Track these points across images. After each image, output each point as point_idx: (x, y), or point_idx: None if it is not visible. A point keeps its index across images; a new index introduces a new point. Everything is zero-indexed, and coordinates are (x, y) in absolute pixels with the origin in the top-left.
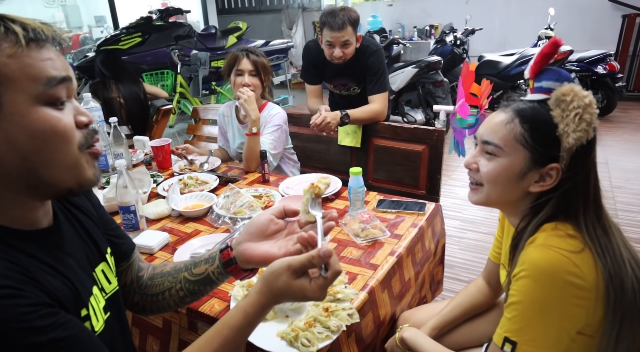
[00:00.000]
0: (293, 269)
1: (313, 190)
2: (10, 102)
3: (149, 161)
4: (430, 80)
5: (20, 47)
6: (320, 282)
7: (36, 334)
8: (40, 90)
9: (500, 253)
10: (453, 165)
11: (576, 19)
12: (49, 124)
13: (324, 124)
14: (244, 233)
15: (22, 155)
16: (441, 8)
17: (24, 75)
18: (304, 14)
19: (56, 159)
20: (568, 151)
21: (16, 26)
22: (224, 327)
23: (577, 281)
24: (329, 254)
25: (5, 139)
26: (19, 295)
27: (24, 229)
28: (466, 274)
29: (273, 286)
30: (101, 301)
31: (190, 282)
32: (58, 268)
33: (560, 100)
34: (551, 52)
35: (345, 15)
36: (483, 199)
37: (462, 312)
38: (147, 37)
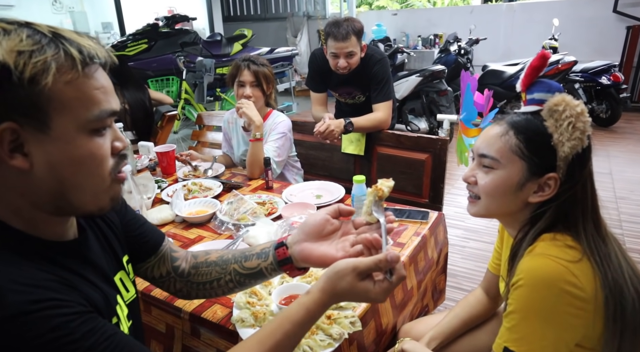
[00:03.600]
0: (358, 271)
1: (376, 192)
2: (60, 127)
3: (154, 167)
4: (434, 89)
5: (77, 73)
6: (384, 286)
7: (79, 341)
8: (90, 120)
9: (500, 264)
10: (456, 174)
11: (581, 30)
12: (89, 151)
13: (327, 131)
14: (299, 233)
15: (59, 178)
16: (446, 18)
17: (78, 104)
18: (309, 22)
19: (87, 184)
20: (564, 160)
21: (73, 49)
22: (286, 321)
23: (574, 291)
24: (397, 259)
25: (46, 161)
26: (62, 305)
27: (55, 240)
28: (468, 283)
29: (337, 285)
30: (124, 310)
31: (241, 275)
32: (89, 278)
33: (552, 111)
34: (540, 65)
35: (349, 26)
36: (482, 212)
37: (460, 323)
38: (153, 43)
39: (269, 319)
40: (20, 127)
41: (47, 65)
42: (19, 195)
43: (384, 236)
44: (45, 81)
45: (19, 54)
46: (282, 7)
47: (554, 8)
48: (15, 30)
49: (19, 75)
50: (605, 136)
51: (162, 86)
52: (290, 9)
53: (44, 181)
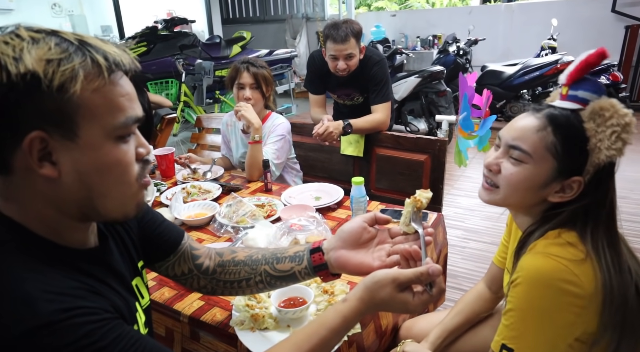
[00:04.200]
0: (398, 283)
1: (415, 203)
2: (87, 134)
3: (153, 170)
4: (433, 89)
5: (104, 80)
6: (424, 298)
7: (109, 347)
8: (116, 127)
9: (505, 258)
10: (456, 174)
11: (579, 30)
12: (116, 157)
13: (326, 133)
14: (336, 239)
15: (87, 185)
16: (444, 18)
17: (104, 111)
18: (308, 23)
19: (114, 191)
20: (595, 166)
21: (99, 56)
22: (322, 327)
23: (573, 289)
24: (438, 272)
25: (74, 168)
26: (90, 313)
27: (77, 247)
28: (469, 283)
29: (376, 295)
30: (142, 316)
31: (273, 276)
32: (112, 285)
33: (597, 114)
34: (595, 61)
35: (348, 28)
36: (499, 201)
37: (464, 320)
38: (152, 46)
39: (268, 321)
40: (49, 136)
41: (75, 73)
42: (46, 202)
43: (423, 247)
44: (73, 89)
45: (48, 62)
46: (280, 9)
47: (552, 8)
48: (44, 38)
49: (48, 84)
50: None
51: (161, 89)
52: (289, 11)
53: (72, 188)
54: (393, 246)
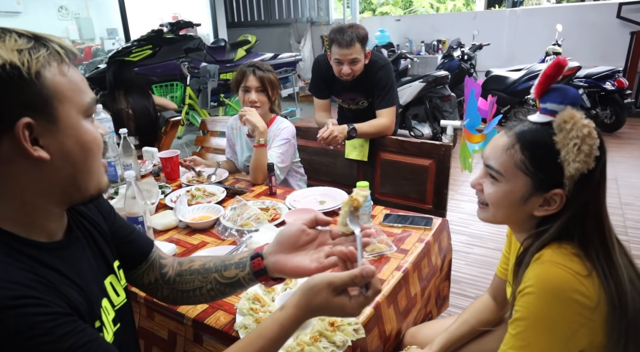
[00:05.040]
0: (334, 287)
1: (352, 203)
2: (65, 116)
3: (157, 172)
4: (437, 94)
5: (66, 66)
6: (360, 300)
7: (56, 342)
8: (86, 106)
9: (507, 269)
10: (460, 180)
11: (584, 35)
12: (92, 135)
13: (331, 137)
14: (275, 244)
15: (73, 164)
16: (449, 23)
17: (73, 93)
18: (313, 27)
19: (94, 167)
20: (570, 179)
21: (56, 45)
22: (259, 337)
23: (582, 300)
24: (372, 273)
25: (60, 150)
26: (41, 304)
27: (43, 240)
28: (472, 289)
29: (312, 301)
30: (110, 313)
31: (222, 284)
32: (74, 279)
33: (561, 127)
34: (554, 73)
35: (353, 33)
36: (490, 218)
37: (469, 329)
38: (157, 49)
39: None
40: (35, 122)
41: (47, 59)
42: (29, 190)
43: (359, 248)
44: (48, 75)
45: (20, 52)
46: (285, 13)
47: (557, 13)
48: (4, 34)
49: (27, 71)
50: (610, 142)
51: (166, 92)
52: (293, 15)
53: (60, 169)
54: (333, 247)
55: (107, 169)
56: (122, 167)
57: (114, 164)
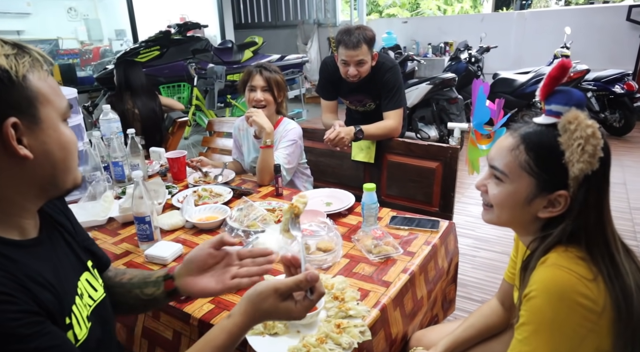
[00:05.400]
0: (280, 293)
1: (292, 210)
2: (47, 118)
3: (164, 172)
4: (444, 97)
5: (46, 72)
6: (305, 304)
7: (21, 342)
8: (63, 109)
9: (515, 273)
10: (466, 182)
11: (593, 38)
12: (70, 136)
13: (337, 139)
14: (184, 266)
15: (52, 163)
16: (456, 26)
17: (53, 97)
18: (319, 29)
19: (71, 165)
20: (575, 180)
21: (35, 53)
22: (207, 346)
23: (587, 304)
24: (316, 278)
25: (42, 150)
26: (9, 301)
27: (16, 238)
28: (479, 293)
29: (259, 307)
30: (84, 310)
31: (142, 300)
32: (45, 277)
33: (565, 128)
34: (559, 75)
35: (360, 34)
36: (494, 220)
37: (475, 333)
38: (165, 50)
39: (278, 327)
40: (20, 122)
41: (32, 64)
42: (7, 185)
43: (302, 253)
44: (32, 79)
45: (7, 57)
46: (292, 14)
47: (565, 16)
48: None
49: (15, 74)
50: (619, 146)
51: (174, 92)
52: (300, 16)
53: (41, 167)
54: (240, 268)
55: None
56: (130, 167)
57: (121, 164)
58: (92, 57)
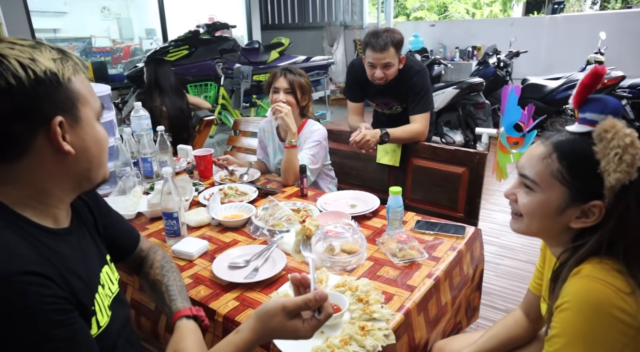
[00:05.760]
0: (288, 311)
1: (304, 232)
2: (85, 117)
3: (191, 170)
4: (471, 101)
5: (84, 74)
6: (313, 323)
7: (47, 326)
8: (98, 110)
9: (541, 285)
10: (492, 189)
11: (629, 44)
12: (104, 134)
13: (363, 141)
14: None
15: (89, 158)
16: (485, 29)
17: (90, 98)
18: (346, 31)
19: (103, 161)
20: (611, 190)
21: (75, 58)
22: None
23: (625, 318)
24: (324, 298)
25: (81, 146)
26: (46, 285)
27: (50, 226)
28: (502, 302)
29: (267, 325)
30: (105, 300)
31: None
32: (76, 265)
33: (601, 136)
34: (592, 82)
35: (388, 37)
36: (523, 229)
37: (497, 344)
38: (193, 50)
39: None
40: (64, 120)
41: (74, 68)
42: (49, 179)
43: (312, 273)
44: (74, 80)
45: (54, 61)
46: (319, 16)
47: (600, 21)
48: (39, 45)
49: (62, 77)
50: None
51: (201, 91)
52: (327, 18)
53: (79, 162)
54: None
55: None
56: (158, 164)
57: (150, 160)
58: (122, 55)
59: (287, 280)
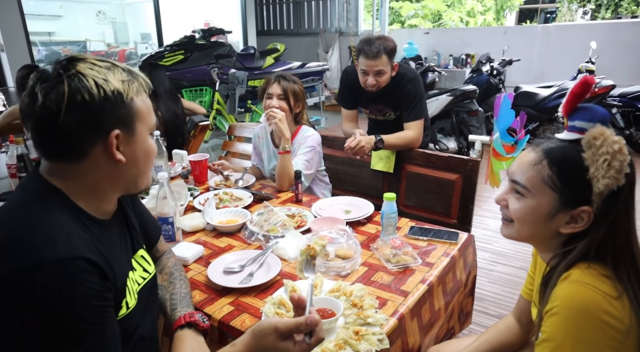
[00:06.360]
0: (279, 332)
1: (309, 251)
2: (140, 131)
3: (186, 175)
4: (464, 109)
5: (145, 94)
6: (303, 347)
7: (85, 307)
8: (152, 126)
9: (532, 290)
10: (484, 195)
11: (620, 54)
12: (152, 146)
13: (358, 147)
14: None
15: (138, 167)
16: (478, 38)
17: (147, 115)
18: (341, 38)
19: (149, 170)
20: (599, 196)
21: (141, 79)
22: None
23: (613, 322)
24: (315, 323)
25: (132, 156)
26: (93, 272)
27: (101, 217)
28: (495, 308)
29: (260, 343)
30: (135, 284)
31: None
32: (117, 250)
33: (590, 144)
34: (582, 91)
35: (381, 44)
36: (514, 235)
37: (489, 350)
38: (189, 55)
39: None
40: (121, 133)
41: (138, 89)
42: (103, 180)
43: (309, 295)
44: (137, 100)
45: (123, 82)
46: (314, 22)
47: (592, 31)
48: (114, 66)
49: (126, 97)
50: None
51: (196, 96)
52: (322, 25)
53: (128, 169)
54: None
55: None
56: (154, 168)
57: None
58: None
59: (282, 285)
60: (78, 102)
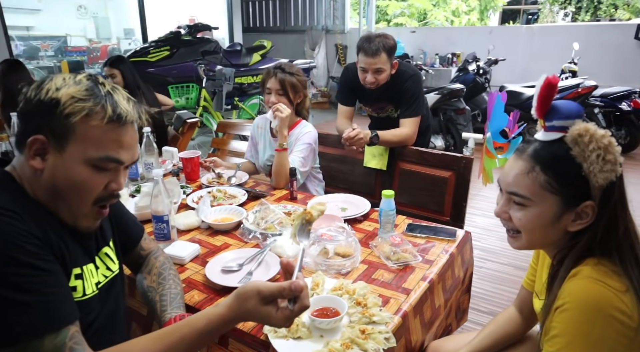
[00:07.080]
0: (262, 296)
1: (304, 216)
2: (71, 153)
3: (177, 172)
4: (452, 107)
5: (102, 122)
6: (286, 313)
7: (21, 253)
8: (93, 158)
9: (534, 281)
10: (472, 193)
11: (601, 55)
12: (83, 178)
13: (357, 138)
14: None
15: (54, 186)
16: (464, 37)
17: (91, 143)
18: (327, 35)
19: (72, 202)
20: (599, 189)
21: (109, 106)
22: (185, 325)
23: (623, 318)
24: (300, 289)
25: (52, 170)
26: (21, 220)
27: None
28: (486, 304)
29: (242, 305)
30: (94, 277)
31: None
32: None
33: (577, 140)
34: (549, 93)
35: (380, 42)
36: (525, 245)
37: (493, 342)
38: (175, 51)
39: (301, 330)
40: (48, 142)
41: (82, 110)
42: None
43: (299, 261)
44: (75, 119)
45: (71, 97)
46: (301, 20)
47: (574, 32)
48: (83, 81)
49: (61, 110)
50: (625, 163)
51: (182, 93)
52: (309, 22)
53: (45, 182)
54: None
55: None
56: (143, 166)
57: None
58: (99, 55)
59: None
60: (27, 97)
